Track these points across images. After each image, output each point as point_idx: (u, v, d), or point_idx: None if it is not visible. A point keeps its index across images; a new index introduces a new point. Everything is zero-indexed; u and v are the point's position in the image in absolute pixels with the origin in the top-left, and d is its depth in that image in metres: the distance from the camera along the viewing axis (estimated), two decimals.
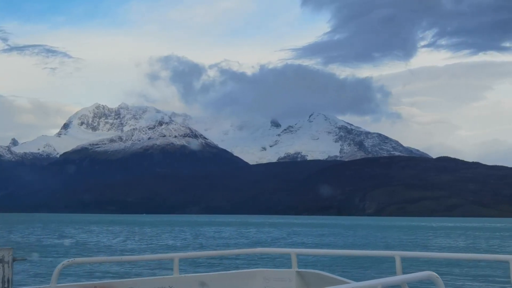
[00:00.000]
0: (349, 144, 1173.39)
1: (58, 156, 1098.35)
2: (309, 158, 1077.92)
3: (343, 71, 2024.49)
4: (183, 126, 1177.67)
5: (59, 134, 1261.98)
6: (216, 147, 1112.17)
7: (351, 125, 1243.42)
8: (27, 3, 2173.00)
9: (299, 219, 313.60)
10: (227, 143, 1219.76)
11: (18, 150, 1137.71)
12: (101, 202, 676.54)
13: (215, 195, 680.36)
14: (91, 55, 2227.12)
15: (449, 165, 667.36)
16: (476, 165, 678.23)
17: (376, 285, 5.61)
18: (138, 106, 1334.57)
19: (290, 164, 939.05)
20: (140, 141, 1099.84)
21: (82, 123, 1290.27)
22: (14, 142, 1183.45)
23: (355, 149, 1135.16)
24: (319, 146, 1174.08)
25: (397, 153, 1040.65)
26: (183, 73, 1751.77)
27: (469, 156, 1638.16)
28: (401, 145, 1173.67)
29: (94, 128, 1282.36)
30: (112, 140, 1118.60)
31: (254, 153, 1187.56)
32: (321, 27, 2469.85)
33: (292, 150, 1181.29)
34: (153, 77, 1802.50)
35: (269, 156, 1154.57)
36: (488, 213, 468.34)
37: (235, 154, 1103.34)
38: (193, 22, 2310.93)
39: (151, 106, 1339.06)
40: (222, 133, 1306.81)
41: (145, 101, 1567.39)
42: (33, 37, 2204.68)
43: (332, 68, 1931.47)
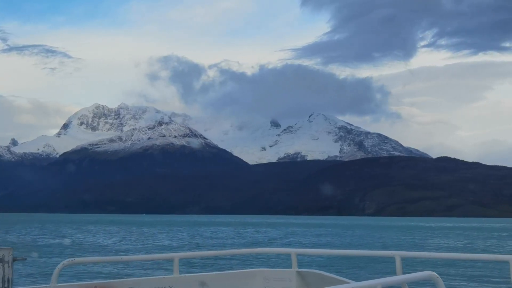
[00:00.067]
0: (349, 144, 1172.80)
1: (58, 156, 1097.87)
2: (309, 158, 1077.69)
3: (343, 71, 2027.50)
4: (183, 126, 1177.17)
5: (58, 134, 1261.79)
6: (216, 147, 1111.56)
7: (351, 125, 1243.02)
8: (27, 3, 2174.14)
9: (298, 219, 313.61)
10: (227, 143, 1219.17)
11: (18, 150, 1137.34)
12: (101, 202, 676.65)
13: (215, 195, 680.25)
14: (91, 55, 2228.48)
15: (449, 165, 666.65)
16: (476, 165, 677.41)
17: (376, 285, 5.61)
18: (138, 106, 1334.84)
19: (290, 164, 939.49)
20: (140, 141, 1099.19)
21: (82, 123, 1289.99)
22: (14, 142, 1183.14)
23: (355, 149, 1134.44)
24: (319, 146, 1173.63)
25: (397, 153, 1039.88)
26: (183, 73, 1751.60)
27: (469, 156, 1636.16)
28: (401, 145, 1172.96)
29: (94, 128, 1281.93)
30: (111, 140, 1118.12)
31: (254, 153, 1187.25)
32: (321, 27, 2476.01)
33: (292, 150, 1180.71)
34: (153, 77, 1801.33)
35: (269, 156, 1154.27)
36: (488, 213, 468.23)
37: (235, 154, 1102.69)
38: (193, 22, 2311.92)
39: (151, 106, 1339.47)
40: (222, 133, 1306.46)
41: (145, 101, 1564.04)
42: (32, 37, 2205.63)
43: (332, 68, 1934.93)
